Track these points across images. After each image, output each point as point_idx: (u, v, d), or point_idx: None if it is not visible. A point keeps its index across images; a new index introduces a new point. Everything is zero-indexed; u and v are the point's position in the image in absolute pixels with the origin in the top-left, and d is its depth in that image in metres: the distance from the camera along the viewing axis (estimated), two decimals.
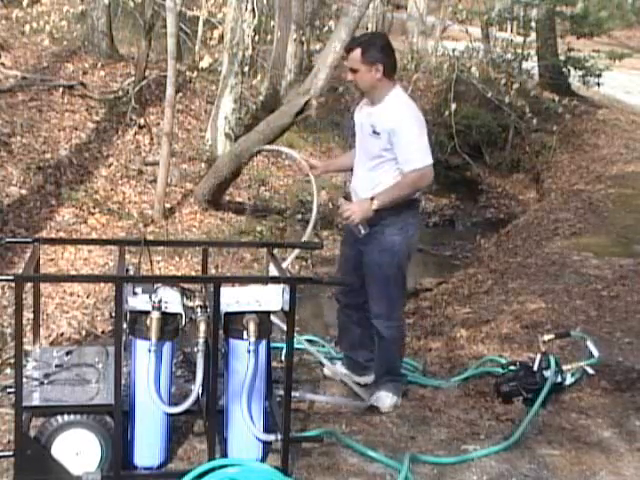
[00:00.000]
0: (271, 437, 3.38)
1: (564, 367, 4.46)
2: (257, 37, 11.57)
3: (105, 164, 9.46)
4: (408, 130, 3.92)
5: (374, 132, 3.97)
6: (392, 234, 4.02)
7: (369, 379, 4.39)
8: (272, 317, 3.48)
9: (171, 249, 7.61)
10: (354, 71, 4.00)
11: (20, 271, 3.63)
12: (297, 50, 13.79)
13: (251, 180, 10.43)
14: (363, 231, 3.99)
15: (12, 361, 4.09)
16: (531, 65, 15.97)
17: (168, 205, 8.89)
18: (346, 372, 4.44)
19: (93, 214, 8.26)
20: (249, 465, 3.28)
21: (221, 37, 10.26)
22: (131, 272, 3.52)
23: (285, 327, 3.34)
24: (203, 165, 10.17)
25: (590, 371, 4.60)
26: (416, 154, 3.92)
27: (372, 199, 3.93)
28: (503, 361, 4.81)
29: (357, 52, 3.96)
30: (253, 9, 10.65)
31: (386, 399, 4.19)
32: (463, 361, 5.01)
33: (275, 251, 3.91)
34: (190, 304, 3.34)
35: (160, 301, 3.22)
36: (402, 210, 4.00)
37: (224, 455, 3.40)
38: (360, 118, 4.15)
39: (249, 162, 9.33)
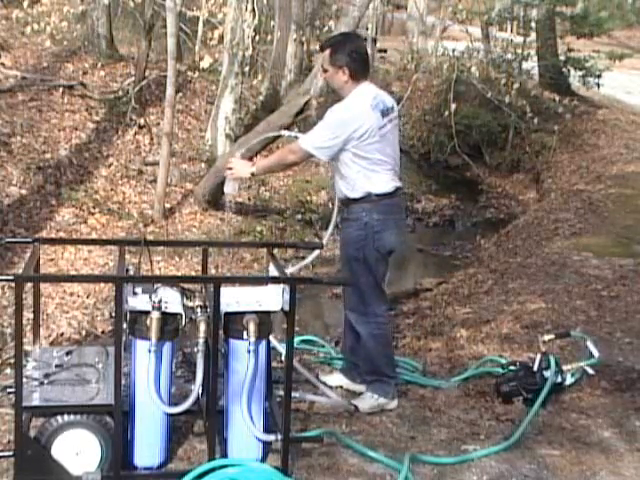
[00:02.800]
0: (271, 437, 3.38)
1: (564, 367, 4.46)
2: (257, 37, 11.57)
3: (105, 164, 9.47)
4: (326, 118, 4.00)
5: None
6: (356, 229, 4.07)
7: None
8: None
9: (171, 249, 7.61)
10: (324, 70, 4.14)
11: (20, 271, 3.63)
12: (297, 50, 13.79)
13: (251, 180, 10.42)
14: (230, 189, 4.27)
15: (12, 361, 4.09)
16: (531, 65, 15.97)
17: (168, 205, 8.90)
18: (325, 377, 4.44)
19: (93, 214, 8.26)
20: (249, 465, 3.28)
21: (221, 37, 10.26)
22: (131, 272, 3.52)
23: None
24: (203, 165, 10.17)
25: (590, 371, 4.59)
26: (311, 135, 4.02)
27: (254, 163, 4.27)
28: (503, 361, 4.81)
29: (327, 53, 4.08)
30: (253, 9, 10.65)
31: (369, 400, 4.15)
32: (463, 361, 5.00)
33: (275, 251, 3.91)
34: (190, 304, 3.33)
35: (160, 301, 3.22)
36: (365, 206, 4.05)
37: (224, 455, 3.40)
38: None
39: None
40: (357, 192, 4.04)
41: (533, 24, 16.25)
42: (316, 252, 4.58)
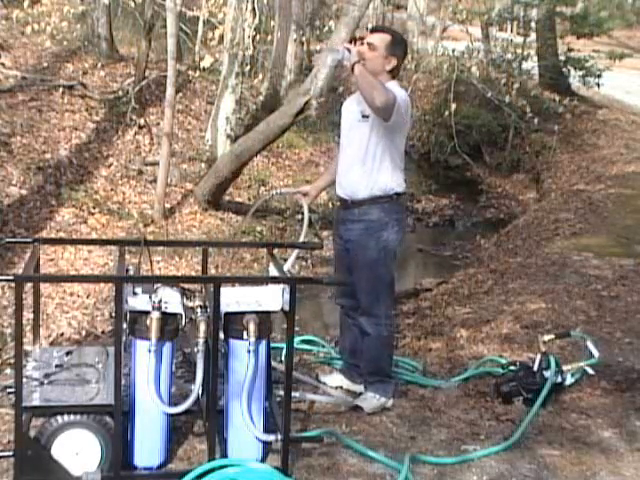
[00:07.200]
0: (271, 437, 3.37)
1: (564, 367, 4.46)
2: (257, 37, 11.58)
3: (105, 164, 9.47)
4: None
5: (363, 116, 3.98)
6: (378, 230, 4.05)
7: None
8: None
9: (171, 249, 7.62)
10: (372, 48, 4.01)
11: (20, 271, 3.63)
12: (297, 50, 13.80)
13: (251, 180, 10.44)
14: (330, 58, 3.91)
15: (12, 361, 4.09)
16: (531, 65, 15.98)
17: (168, 205, 8.90)
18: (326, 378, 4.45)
19: (93, 214, 8.26)
20: (249, 465, 3.27)
21: (221, 37, 10.25)
22: (131, 272, 3.52)
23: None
24: (203, 165, 10.17)
25: (590, 371, 4.60)
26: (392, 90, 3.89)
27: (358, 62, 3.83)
28: (503, 361, 4.81)
29: (387, 37, 4.04)
30: (253, 9, 10.66)
31: (372, 400, 4.16)
32: (463, 361, 5.00)
33: (275, 251, 3.91)
34: (190, 304, 3.33)
35: (160, 301, 3.22)
36: (386, 206, 4.04)
37: (224, 455, 3.40)
38: (349, 107, 4.16)
39: (249, 162, 9.33)
40: (380, 190, 4.02)
41: (533, 24, 16.27)
42: (296, 252, 4.57)
